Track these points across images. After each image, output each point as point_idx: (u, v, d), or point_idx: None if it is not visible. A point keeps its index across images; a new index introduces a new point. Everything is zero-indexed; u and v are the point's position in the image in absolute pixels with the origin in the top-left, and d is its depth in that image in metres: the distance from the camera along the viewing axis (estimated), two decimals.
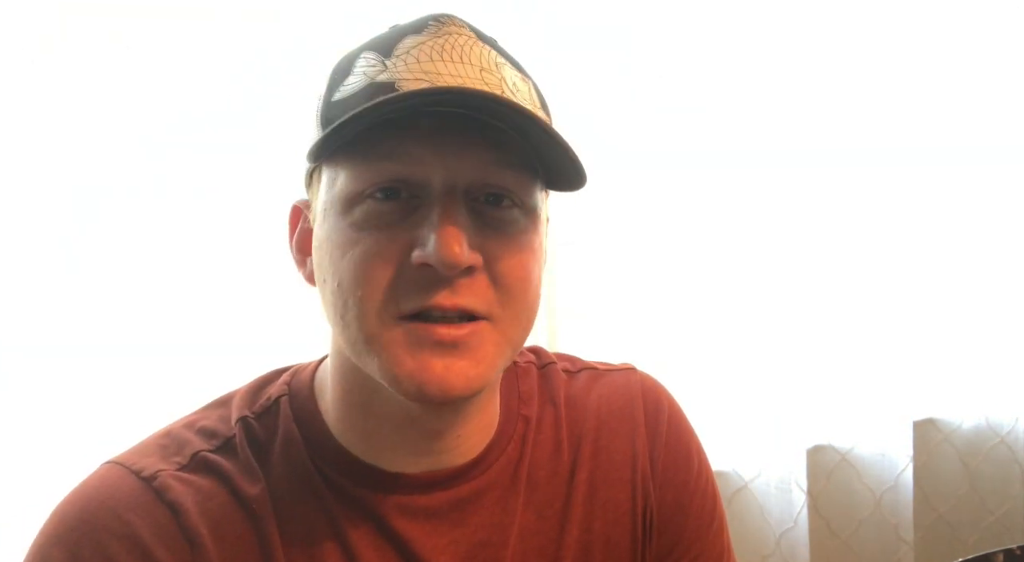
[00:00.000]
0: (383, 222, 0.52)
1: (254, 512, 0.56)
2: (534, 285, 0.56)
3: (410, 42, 0.54)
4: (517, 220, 0.55)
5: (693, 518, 0.68)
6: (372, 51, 0.55)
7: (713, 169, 1.19)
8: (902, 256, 1.33)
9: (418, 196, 0.52)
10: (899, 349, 1.32)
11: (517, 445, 0.64)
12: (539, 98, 0.58)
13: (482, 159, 0.53)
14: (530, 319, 0.57)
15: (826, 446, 1.30)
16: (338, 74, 0.56)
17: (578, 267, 1.12)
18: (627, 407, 0.69)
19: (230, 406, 0.62)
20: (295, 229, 0.62)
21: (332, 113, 0.53)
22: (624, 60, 1.13)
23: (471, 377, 0.52)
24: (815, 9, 1.23)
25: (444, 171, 0.52)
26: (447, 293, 0.51)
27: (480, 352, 0.52)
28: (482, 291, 0.52)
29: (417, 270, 0.51)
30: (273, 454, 0.59)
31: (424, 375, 0.51)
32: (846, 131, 1.28)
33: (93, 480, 0.57)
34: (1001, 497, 1.48)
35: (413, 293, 0.51)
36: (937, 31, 1.34)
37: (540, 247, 0.58)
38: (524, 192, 0.55)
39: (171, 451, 0.58)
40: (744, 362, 1.22)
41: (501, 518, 0.61)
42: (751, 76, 1.19)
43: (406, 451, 0.58)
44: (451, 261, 0.49)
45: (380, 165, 0.52)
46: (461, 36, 0.55)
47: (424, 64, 0.52)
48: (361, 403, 0.58)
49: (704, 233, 1.20)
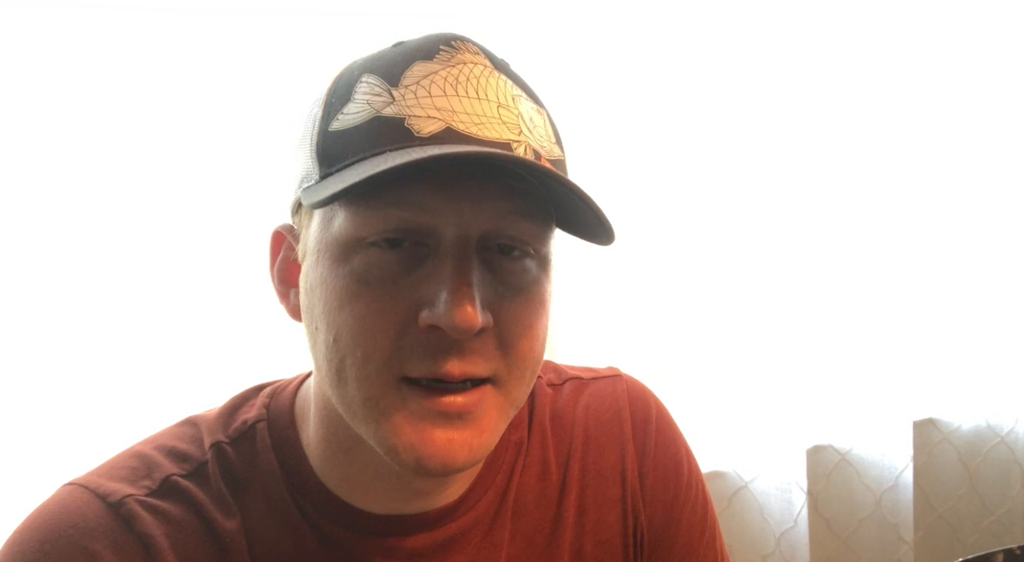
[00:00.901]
0: (387, 275, 0.48)
1: (227, 548, 0.53)
2: (540, 341, 0.52)
3: (420, 70, 0.49)
4: (529, 270, 0.51)
5: (684, 532, 0.67)
6: (375, 76, 0.49)
7: (714, 168, 1.19)
8: (902, 256, 1.33)
9: (425, 245, 0.48)
10: (899, 349, 1.32)
11: (506, 474, 0.61)
12: (554, 131, 0.54)
13: (498, 209, 0.48)
14: (534, 375, 0.53)
15: (826, 446, 1.30)
16: (336, 98, 0.50)
17: (578, 266, 1.12)
18: (614, 419, 0.66)
19: (200, 427, 0.58)
20: (276, 257, 0.57)
21: (331, 147, 0.49)
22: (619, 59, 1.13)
23: (474, 448, 0.48)
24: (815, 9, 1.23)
25: (458, 222, 0.47)
26: (456, 361, 0.47)
27: (484, 421, 0.49)
28: (490, 353, 0.49)
29: (424, 332, 0.47)
30: (250, 487, 0.55)
31: (425, 449, 0.47)
32: (845, 131, 1.27)
33: (54, 505, 0.52)
34: (1001, 497, 1.48)
35: (419, 357, 0.47)
36: (942, 28, 1.34)
37: (549, 294, 0.54)
38: (539, 242, 0.52)
39: (140, 473, 0.54)
40: (744, 362, 1.21)
41: (488, 552, 0.58)
42: (750, 75, 1.19)
43: (390, 497, 0.55)
44: (464, 326, 0.45)
45: (386, 212, 0.47)
46: (477, 66, 0.50)
47: (437, 99, 0.48)
48: (345, 448, 0.54)
49: (705, 233, 1.20)
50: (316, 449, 0.56)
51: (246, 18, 0.90)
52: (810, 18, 1.23)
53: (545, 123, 0.53)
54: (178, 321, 0.90)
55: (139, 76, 0.87)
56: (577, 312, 1.12)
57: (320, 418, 0.55)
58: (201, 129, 0.90)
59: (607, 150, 1.13)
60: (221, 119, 0.90)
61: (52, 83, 0.83)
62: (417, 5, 0.94)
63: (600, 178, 1.12)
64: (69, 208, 0.85)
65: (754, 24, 1.19)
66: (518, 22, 1.05)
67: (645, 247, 1.17)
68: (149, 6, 0.85)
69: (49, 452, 0.83)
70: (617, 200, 1.14)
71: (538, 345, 0.52)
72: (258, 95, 0.91)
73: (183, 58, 0.88)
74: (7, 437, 0.83)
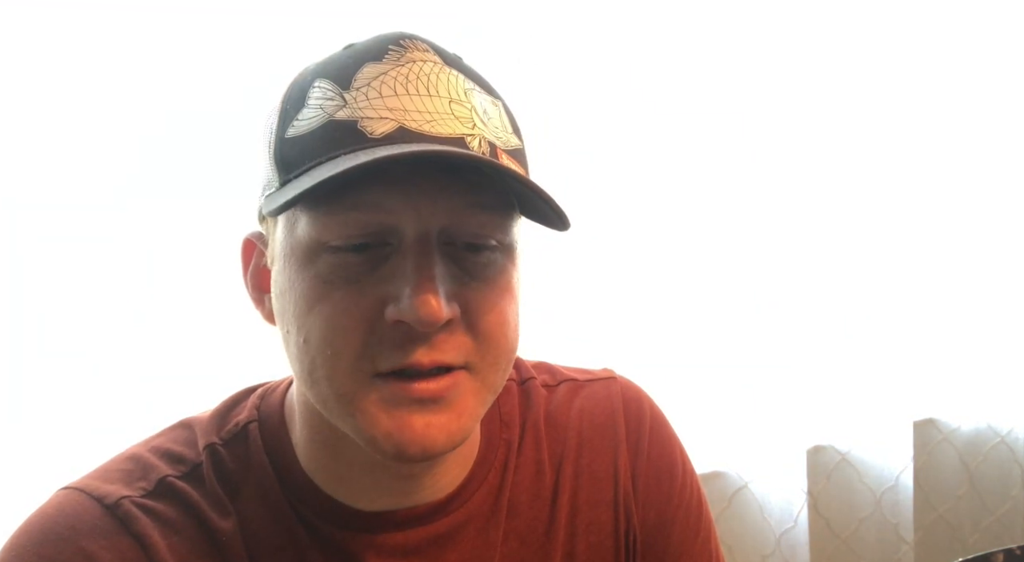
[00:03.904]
0: (351, 275, 0.48)
1: (223, 548, 0.53)
2: (512, 327, 0.53)
3: (370, 71, 0.50)
4: (495, 261, 0.52)
5: (677, 534, 0.67)
6: (327, 80, 0.50)
7: (718, 165, 1.19)
8: (903, 256, 1.33)
9: (389, 244, 0.49)
10: (899, 349, 1.32)
11: (498, 473, 0.61)
12: (510, 121, 0.55)
13: (456, 203, 0.49)
14: (510, 361, 0.54)
15: (826, 446, 1.30)
16: (290, 105, 0.51)
17: (577, 265, 1.12)
18: (608, 422, 0.67)
19: (194, 430, 0.58)
20: (248, 265, 0.58)
21: (288, 153, 0.50)
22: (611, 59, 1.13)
23: (452, 431, 0.49)
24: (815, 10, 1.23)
25: (416, 219, 0.48)
26: (424, 350, 0.48)
27: (460, 404, 0.50)
28: (460, 343, 0.49)
29: (391, 327, 0.48)
30: (244, 487, 0.55)
31: (403, 435, 0.48)
32: (846, 129, 1.27)
33: (50, 508, 0.52)
34: (1001, 497, 1.48)
35: (388, 352, 0.48)
36: (948, 27, 1.34)
37: (517, 281, 0.55)
38: (501, 232, 0.52)
39: (135, 476, 0.54)
40: (744, 362, 1.21)
41: (482, 550, 0.59)
42: (744, 75, 1.19)
43: (380, 492, 0.56)
44: (429, 319, 0.46)
45: (346, 215, 0.48)
46: (426, 63, 0.51)
47: (388, 99, 0.48)
48: (330, 446, 0.55)
49: (705, 230, 1.20)
50: (304, 448, 0.56)
51: (234, 18, 0.90)
52: (804, 13, 1.23)
53: (501, 114, 0.54)
54: (175, 324, 0.90)
55: (124, 75, 0.86)
56: (578, 310, 1.12)
57: (304, 417, 0.56)
58: (200, 129, 0.90)
59: (606, 149, 1.13)
60: (221, 119, 0.91)
61: (50, 82, 0.83)
62: (409, 5, 0.95)
63: (600, 178, 1.12)
64: (68, 208, 0.85)
65: (743, 19, 1.19)
66: (517, 22, 1.05)
67: (644, 245, 1.17)
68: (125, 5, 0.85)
69: (45, 457, 0.83)
70: (617, 200, 1.14)
71: (510, 331, 0.53)
72: (254, 94, 0.91)
73: (167, 57, 0.88)
74: (3, 440, 0.83)
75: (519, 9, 1.05)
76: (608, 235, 1.14)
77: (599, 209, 1.13)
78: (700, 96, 1.17)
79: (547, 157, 1.07)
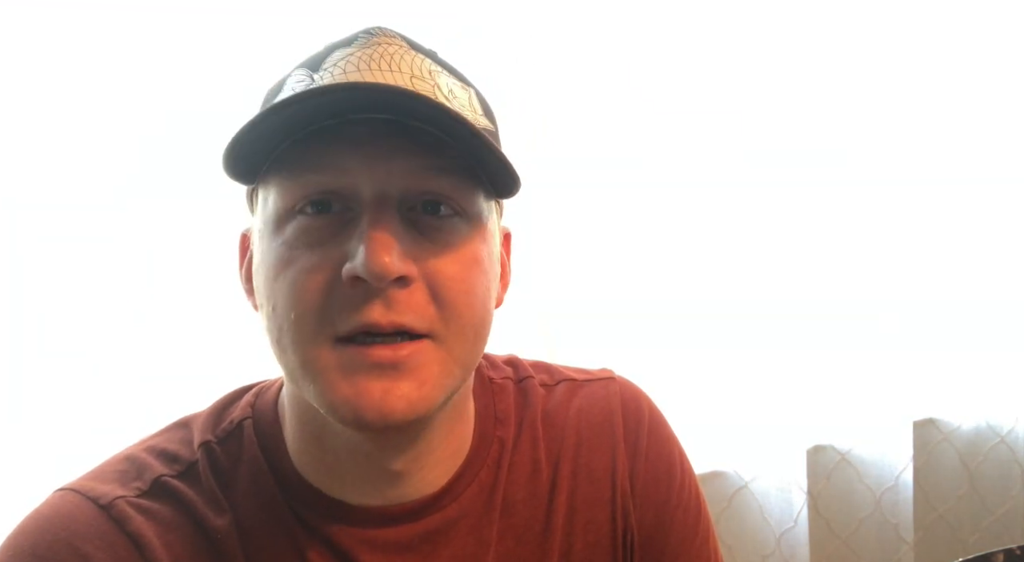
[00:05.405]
0: (314, 239, 0.49)
1: (219, 545, 0.53)
2: (480, 298, 0.52)
3: (339, 55, 0.52)
4: (458, 229, 0.52)
5: (676, 534, 0.67)
6: (302, 68, 0.53)
7: (720, 163, 1.19)
8: (902, 256, 1.33)
9: (351, 209, 0.49)
10: (899, 349, 1.32)
11: (491, 470, 0.61)
12: (481, 105, 0.56)
13: (413, 165, 0.50)
14: (479, 335, 0.53)
15: (826, 446, 1.30)
16: (270, 94, 0.55)
17: (577, 265, 1.12)
18: (606, 421, 0.66)
19: (191, 428, 0.59)
20: (244, 258, 0.59)
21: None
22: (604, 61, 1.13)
23: (413, 400, 0.48)
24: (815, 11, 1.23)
25: (373, 179, 0.49)
26: (381, 309, 0.47)
27: (423, 372, 0.49)
28: (420, 306, 0.49)
29: (350, 287, 0.48)
30: (239, 483, 0.56)
31: (361, 400, 0.47)
32: (845, 130, 1.27)
33: (45, 509, 0.53)
34: (1001, 497, 1.48)
35: (347, 312, 0.48)
36: (947, 35, 1.34)
37: (489, 258, 0.54)
38: (464, 199, 0.52)
39: (130, 476, 0.54)
40: (744, 362, 1.22)
41: (475, 548, 0.58)
42: (741, 79, 1.19)
43: (367, 485, 0.56)
44: (379, 270, 0.46)
45: (307, 178, 0.49)
46: (392, 46, 0.52)
47: (351, 75, 0.50)
48: (316, 436, 0.55)
49: (704, 231, 1.20)
50: (294, 443, 0.57)
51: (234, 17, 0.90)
52: (804, 13, 1.23)
53: (471, 97, 0.55)
54: (175, 324, 0.90)
55: (124, 75, 0.86)
56: (578, 310, 1.12)
57: (292, 410, 0.56)
58: (200, 129, 0.90)
59: (606, 148, 1.13)
60: (221, 119, 0.90)
61: (50, 83, 0.83)
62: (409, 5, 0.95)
63: (600, 177, 1.12)
64: (68, 208, 0.85)
65: (742, 19, 1.19)
66: (517, 22, 1.05)
67: (644, 245, 1.17)
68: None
69: (45, 457, 0.83)
70: (617, 199, 1.14)
71: (477, 303, 0.52)
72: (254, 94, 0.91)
73: (167, 58, 0.88)
74: (3, 440, 0.83)
75: (519, 9, 1.05)
76: (608, 235, 1.14)
77: (599, 209, 1.13)
78: (700, 96, 1.17)
79: (547, 157, 1.08)
